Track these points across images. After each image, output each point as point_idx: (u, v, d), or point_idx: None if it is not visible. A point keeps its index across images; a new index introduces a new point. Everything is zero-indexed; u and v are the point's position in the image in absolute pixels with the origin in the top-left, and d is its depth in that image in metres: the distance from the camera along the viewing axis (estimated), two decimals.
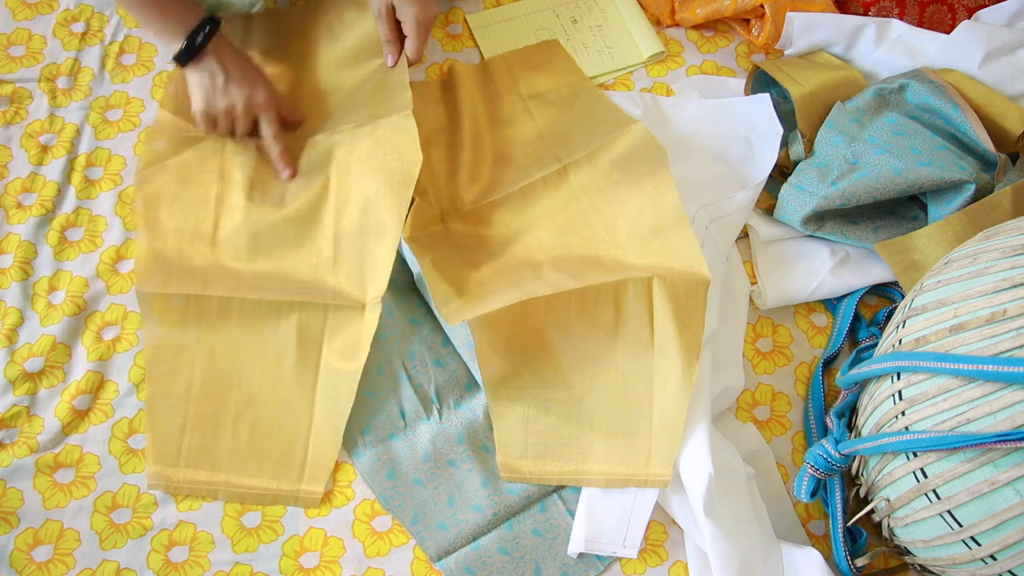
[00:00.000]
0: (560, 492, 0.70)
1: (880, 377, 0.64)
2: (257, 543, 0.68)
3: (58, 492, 0.69)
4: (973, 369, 0.54)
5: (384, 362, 0.73)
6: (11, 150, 0.81)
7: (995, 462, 0.53)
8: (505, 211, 0.79)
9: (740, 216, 0.79)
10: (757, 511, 0.67)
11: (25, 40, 0.87)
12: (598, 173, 0.80)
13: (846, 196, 0.75)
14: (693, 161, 0.82)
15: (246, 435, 0.70)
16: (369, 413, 0.71)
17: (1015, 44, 0.82)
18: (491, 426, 0.71)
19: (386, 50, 0.82)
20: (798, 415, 0.76)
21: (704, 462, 0.64)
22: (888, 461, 0.61)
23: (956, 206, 0.74)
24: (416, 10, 0.79)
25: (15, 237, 0.77)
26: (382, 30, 0.82)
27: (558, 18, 0.93)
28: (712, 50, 0.92)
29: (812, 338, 0.79)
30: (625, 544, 0.67)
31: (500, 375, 0.70)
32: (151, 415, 0.70)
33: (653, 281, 0.69)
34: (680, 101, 0.87)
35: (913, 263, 0.74)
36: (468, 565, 0.67)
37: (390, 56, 0.82)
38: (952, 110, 0.77)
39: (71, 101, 0.84)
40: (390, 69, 0.82)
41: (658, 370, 0.69)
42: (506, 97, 0.86)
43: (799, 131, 0.82)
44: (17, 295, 0.75)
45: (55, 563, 0.66)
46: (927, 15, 0.89)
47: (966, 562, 0.57)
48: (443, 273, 0.72)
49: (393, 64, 0.82)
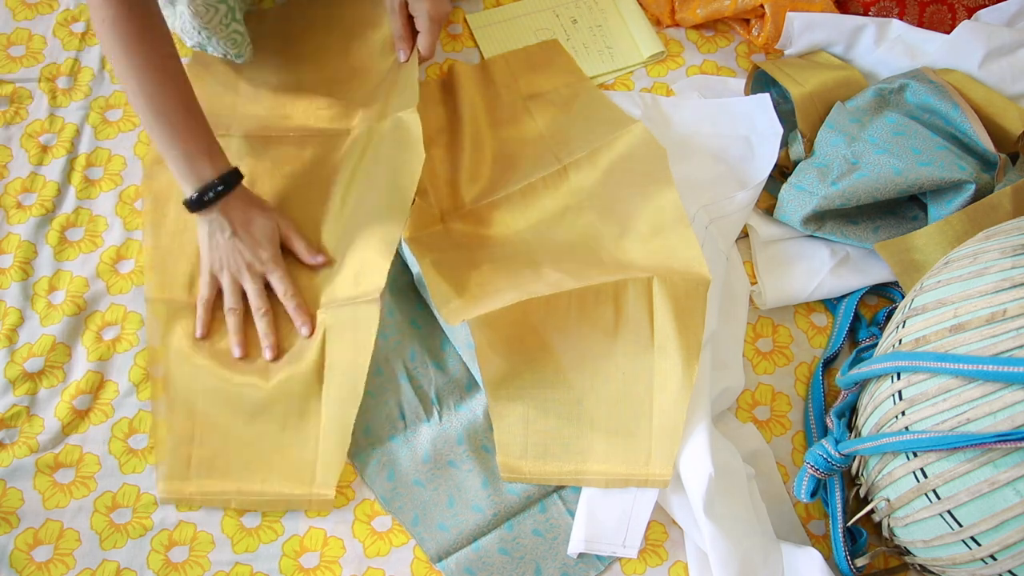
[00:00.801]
0: (560, 492, 0.70)
1: (880, 377, 0.64)
2: (257, 543, 0.68)
3: (58, 492, 0.68)
4: (973, 369, 0.54)
5: (384, 363, 0.73)
6: (11, 150, 0.81)
7: (995, 462, 0.53)
8: (505, 211, 0.79)
9: (740, 216, 0.79)
10: (757, 511, 0.67)
11: (25, 40, 0.87)
12: (598, 173, 0.80)
13: (846, 196, 0.75)
14: (693, 161, 0.82)
15: (256, 441, 0.69)
16: (369, 414, 0.71)
17: (1015, 44, 0.82)
18: (491, 426, 0.71)
19: (398, 46, 0.82)
20: (798, 415, 0.76)
21: (704, 462, 0.64)
22: (888, 461, 0.61)
23: (956, 206, 0.74)
24: (429, 6, 0.78)
25: (15, 237, 0.77)
26: (395, 25, 0.82)
27: (558, 18, 0.93)
28: (712, 50, 0.92)
29: (812, 338, 0.79)
30: (625, 544, 0.67)
31: (500, 375, 0.70)
32: (157, 426, 0.70)
33: (653, 281, 0.69)
34: (680, 101, 0.87)
35: (913, 263, 0.74)
36: (468, 565, 0.67)
37: (402, 52, 0.82)
38: (952, 110, 0.77)
39: (71, 101, 0.84)
40: (402, 65, 0.82)
41: (658, 370, 0.69)
42: (506, 97, 0.86)
43: (799, 131, 0.82)
44: (17, 295, 0.75)
45: (55, 563, 0.66)
46: (927, 15, 0.89)
47: (966, 562, 0.57)
48: (443, 274, 0.72)
49: (406, 59, 0.82)
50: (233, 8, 0.74)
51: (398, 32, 0.82)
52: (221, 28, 0.75)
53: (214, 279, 0.73)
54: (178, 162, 0.70)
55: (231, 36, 0.76)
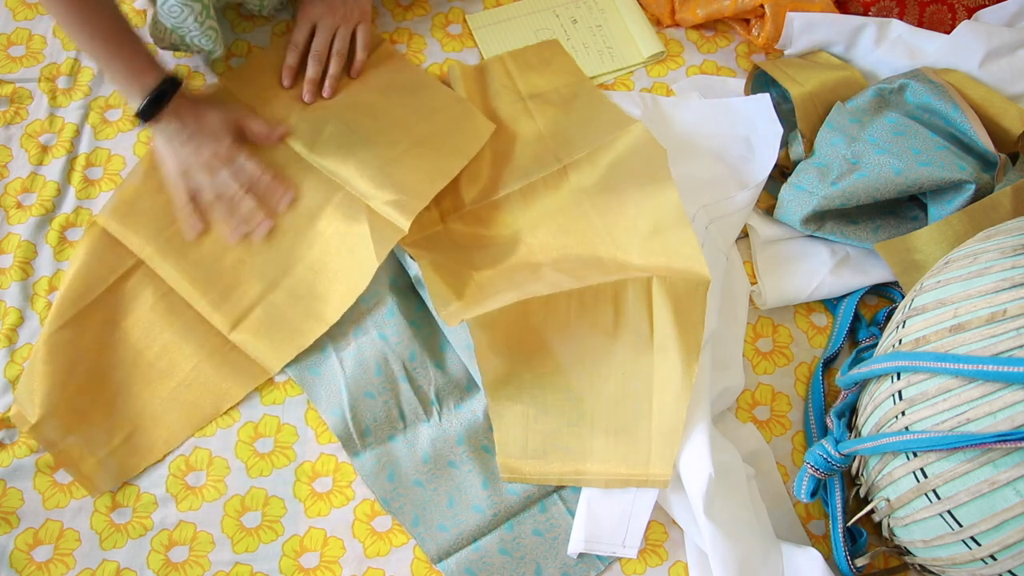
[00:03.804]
0: (560, 492, 0.70)
1: (880, 377, 0.64)
2: (257, 543, 0.68)
3: (58, 492, 0.69)
4: (973, 369, 0.54)
5: (384, 363, 0.73)
6: (11, 150, 0.81)
7: (995, 462, 0.53)
8: (505, 211, 0.79)
9: (740, 216, 0.79)
10: (757, 511, 0.67)
11: (25, 40, 0.87)
12: (598, 173, 0.80)
13: (846, 196, 0.75)
14: (693, 161, 0.81)
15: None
16: (369, 414, 0.71)
17: (1015, 44, 0.82)
18: (491, 427, 0.71)
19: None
20: (798, 415, 0.76)
21: (704, 462, 0.64)
22: (888, 461, 0.61)
23: (956, 206, 0.74)
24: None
25: (15, 237, 0.77)
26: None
27: (558, 18, 0.93)
28: (712, 50, 0.92)
29: (812, 338, 0.79)
30: (625, 544, 0.67)
31: (500, 376, 0.70)
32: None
33: (653, 281, 0.69)
34: (680, 101, 0.87)
35: (913, 263, 0.74)
36: (469, 566, 0.67)
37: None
38: (952, 110, 0.77)
39: (71, 101, 0.84)
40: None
41: (658, 370, 0.69)
42: (506, 97, 0.86)
43: (799, 131, 0.82)
44: (17, 295, 0.75)
45: (55, 563, 0.66)
46: (927, 15, 0.89)
47: (966, 562, 0.57)
48: (442, 275, 0.72)
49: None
50: (208, 6, 0.76)
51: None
52: (196, 26, 0.76)
53: (185, 181, 0.75)
54: (120, 76, 0.72)
55: (206, 32, 0.78)
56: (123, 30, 0.72)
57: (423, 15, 0.92)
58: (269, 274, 0.75)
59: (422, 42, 0.90)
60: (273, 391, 0.73)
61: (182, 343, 0.73)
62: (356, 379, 0.72)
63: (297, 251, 0.76)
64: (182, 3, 0.74)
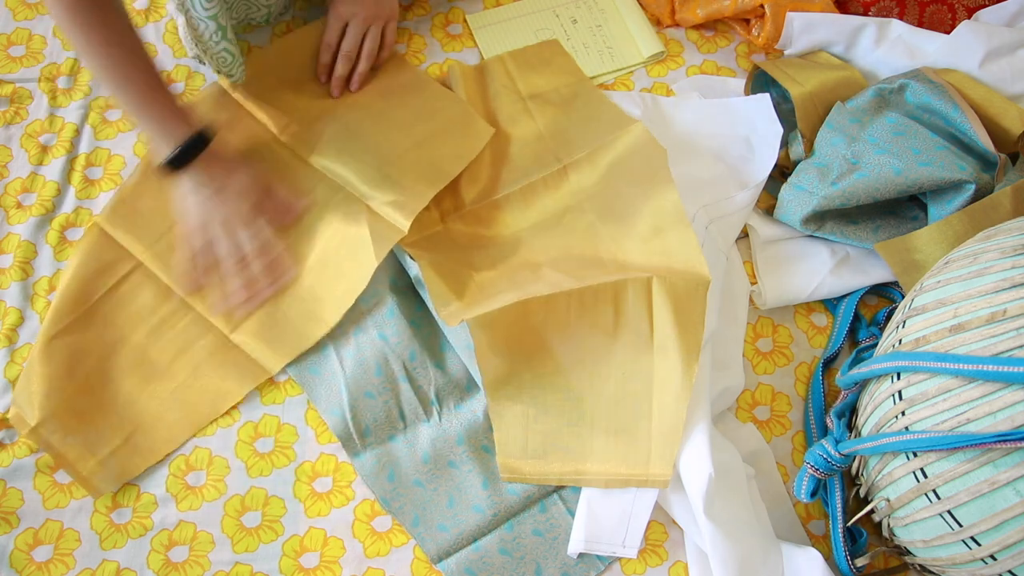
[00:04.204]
0: (560, 492, 0.70)
1: (880, 377, 0.64)
2: (257, 543, 0.68)
3: (58, 492, 0.69)
4: (973, 369, 0.54)
5: (384, 363, 0.73)
6: (11, 150, 0.81)
7: (995, 462, 0.53)
8: (505, 211, 0.79)
9: (740, 216, 0.79)
10: (757, 511, 0.67)
11: (25, 40, 0.87)
12: (598, 173, 0.80)
13: (846, 196, 0.75)
14: (693, 161, 0.81)
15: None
16: (369, 414, 0.71)
17: (1015, 44, 0.82)
18: (491, 427, 0.71)
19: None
20: (798, 415, 0.76)
21: (704, 462, 0.64)
22: (888, 461, 0.61)
23: (956, 206, 0.74)
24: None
25: (15, 237, 0.77)
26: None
27: (558, 18, 0.93)
28: (712, 50, 0.92)
29: (812, 338, 0.79)
30: (625, 544, 0.67)
31: (500, 375, 0.70)
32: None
33: (653, 281, 0.69)
34: (680, 101, 0.87)
35: (913, 263, 0.74)
36: (469, 566, 0.67)
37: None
38: (952, 110, 0.77)
39: (71, 101, 0.84)
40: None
41: (658, 370, 0.69)
42: (506, 97, 0.86)
43: (799, 131, 0.82)
44: (17, 295, 0.75)
45: (55, 563, 0.66)
46: (927, 15, 0.89)
47: (966, 562, 0.57)
48: (442, 275, 0.72)
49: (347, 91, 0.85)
50: (224, 27, 0.74)
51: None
52: (211, 45, 0.75)
53: (203, 233, 0.72)
54: (151, 124, 0.70)
55: (221, 55, 0.76)
56: (155, 77, 0.70)
57: (423, 15, 0.92)
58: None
59: (422, 42, 0.90)
60: (273, 391, 0.73)
61: (182, 344, 0.73)
62: (356, 379, 0.72)
63: (297, 251, 0.76)
64: (200, 18, 0.73)
